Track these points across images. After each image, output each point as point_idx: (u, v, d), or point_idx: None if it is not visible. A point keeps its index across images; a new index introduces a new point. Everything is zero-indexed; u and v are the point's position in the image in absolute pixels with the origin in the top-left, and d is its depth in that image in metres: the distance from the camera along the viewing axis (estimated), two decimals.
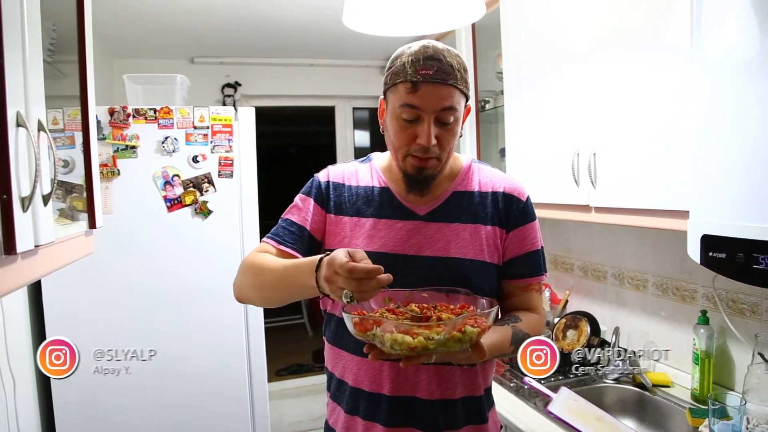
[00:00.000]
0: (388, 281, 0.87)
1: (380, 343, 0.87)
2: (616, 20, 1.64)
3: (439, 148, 1.08)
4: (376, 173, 1.22)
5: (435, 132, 1.06)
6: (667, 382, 1.88)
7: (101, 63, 3.01)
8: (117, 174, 2.19)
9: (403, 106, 1.06)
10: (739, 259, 1.12)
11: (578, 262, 2.43)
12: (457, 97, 1.07)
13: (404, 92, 1.05)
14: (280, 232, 1.19)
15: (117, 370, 2.20)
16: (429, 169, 1.10)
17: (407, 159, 1.10)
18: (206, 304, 2.31)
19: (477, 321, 0.90)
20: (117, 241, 2.19)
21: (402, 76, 1.06)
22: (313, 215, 1.19)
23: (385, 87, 1.12)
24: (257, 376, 2.42)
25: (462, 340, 0.87)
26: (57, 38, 1.28)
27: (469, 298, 1.04)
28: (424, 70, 1.04)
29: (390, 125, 1.11)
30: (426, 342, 0.84)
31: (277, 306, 1.18)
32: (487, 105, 2.66)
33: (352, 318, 0.90)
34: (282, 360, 4.25)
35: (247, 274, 1.16)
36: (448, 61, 1.06)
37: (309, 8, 2.58)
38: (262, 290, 1.13)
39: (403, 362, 0.87)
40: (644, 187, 1.55)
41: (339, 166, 1.26)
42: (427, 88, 1.04)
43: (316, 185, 1.22)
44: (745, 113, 1.11)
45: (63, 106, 1.80)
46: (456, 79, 1.06)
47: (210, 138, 2.28)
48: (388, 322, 0.87)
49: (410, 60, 1.06)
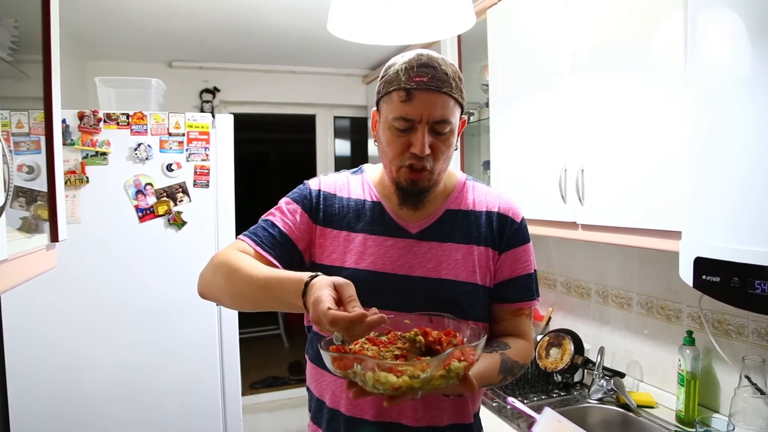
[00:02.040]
0: (381, 323, 0.79)
1: (362, 381, 0.80)
2: (606, 36, 1.61)
3: (433, 159, 1.04)
4: (368, 186, 1.17)
5: (429, 141, 1.01)
6: (651, 403, 1.85)
7: (73, 64, 2.91)
8: (86, 181, 2.09)
9: (396, 116, 1.02)
10: (735, 283, 1.08)
11: (561, 278, 2.40)
12: (452, 107, 1.03)
13: (398, 100, 1.01)
14: (259, 233, 1.11)
15: (84, 385, 2.12)
16: (422, 182, 1.05)
17: (401, 170, 1.05)
18: (178, 317, 2.23)
19: (464, 354, 0.84)
20: (84, 252, 2.11)
21: (395, 84, 1.02)
22: (299, 223, 1.12)
23: (378, 96, 1.08)
24: (231, 391, 2.35)
25: (448, 376, 0.81)
26: (20, 36, 1.20)
27: (454, 323, 0.98)
28: (418, 77, 1.00)
29: (383, 135, 1.07)
30: (411, 381, 0.77)
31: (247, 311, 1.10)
32: (471, 117, 2.63)
33: (330, 354, 0.83)
34: (257, 372, 4.15)
35: (219, 272, 1.05)
36: (443, 69, 1.02)
37: (292, 15, 2.53)
38: (234, 296, 1.04)
39: (386, 402, 0.80)
40: (633, 205, 1.52)
41: (330, 175, 1.21)
42: (421, 96, 1.00)
43: (306, 193, 1.16)
44: (740, 133, 1.09)
45: (29, 109, 1.71)
46: (451, 88, 1.02)
47: (186, 146, 2.20)
48: (369, 359, 0.80)
49: (404, 68, 1.02)
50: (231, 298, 1.06)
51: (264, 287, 0.96)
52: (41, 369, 2.09)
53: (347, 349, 0.86)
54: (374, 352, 0.86)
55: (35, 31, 1.17)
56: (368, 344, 0.89)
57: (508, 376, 1.08)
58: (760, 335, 1.57)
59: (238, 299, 1.05)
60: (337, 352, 0.84)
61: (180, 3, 2.35)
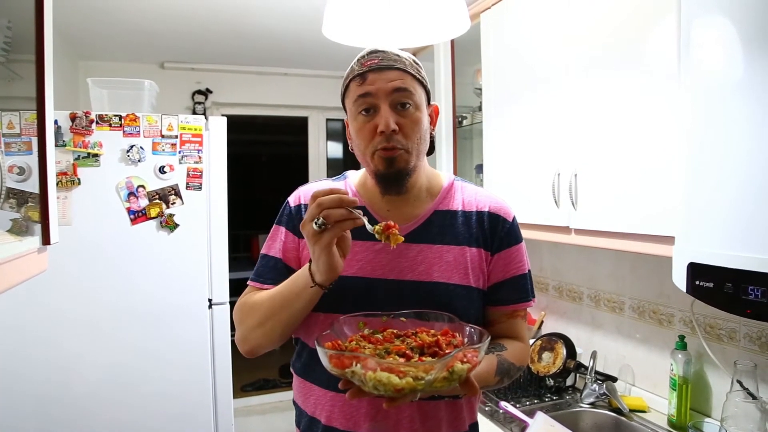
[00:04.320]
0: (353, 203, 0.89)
1: (360, 381, 0.78)
2: (600, 40, 1.62)
3: (404, 137, 1.03)
4: (351, 192, 1.15)
5: (394, 118, 1.02)
6: (644, 407, 1.86)
7: (65, 65, 2.88)
8: (77, 183, 2.07)
9: (356, 101, 1.04)
10: (728, 289, 1.09)
11: (553, 282, 2.41)
12: (410, 81, 1.04)
13: (355, 87, 1.05)
14: (260, 271, 1.15)
15: (75, 387, 2.10)
16: (398, 161, 1.03)
17: (374, 156, 1.04)
18: (170, 320, 2.22)
19: (467, 356, 0.82)
20: (76, 254, 2.09)
21: (350, 76, 1.06)
22: (285, 243, 1.13)
23: (342, 98, 1.12)
24: (222, 393, 2.34)
25: (451, 378, 0.80)
26: (13, 37, 1.19)
27: (453, 325, 0.97)
28: (370, 61, 1.04)
29: (352, 128, 1.08)
30: (415, 383, 0.75)
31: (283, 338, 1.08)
32: (464, 121, 2.63)
33: (327, 352, 0.81)
34: (247, 375, 4.12)
35: (243, 318, 1.10)
36: (393, 53, 1.06)
37: (285, 17, 2.52)
38: (263, 324, 1.05)
39: (386, 404, 0.79)
40: (627, 210, 1.53)
41: (311, 185, 1.19)
42: (374, 75, 1.03)
43: (287, 212, 1.16)
44: (734, 138, 1.10)
45: (20, 109, 1.69)
46: (405, 65, 1.04)
47: (178, 148, 2.19)
48: (370, 358, 0.78)
49: (356, 60, 1.07)
50: (261, 331, 1.06)
51: (280, 296, 1.03)
52: (31, 370, 2.07)
53: (344, 347, 0.85)
54: (371, 350, 0.85)
55: (28, 31, 1.15)
56: (364, 342, 0.88)
57: (504, 379, 1.06)
58: (751, 340, 1.58)
59: (266, 326, 1.05)
60: (334, 349, 0.82)
61: (172, 4, 2.34)
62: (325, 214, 0.88)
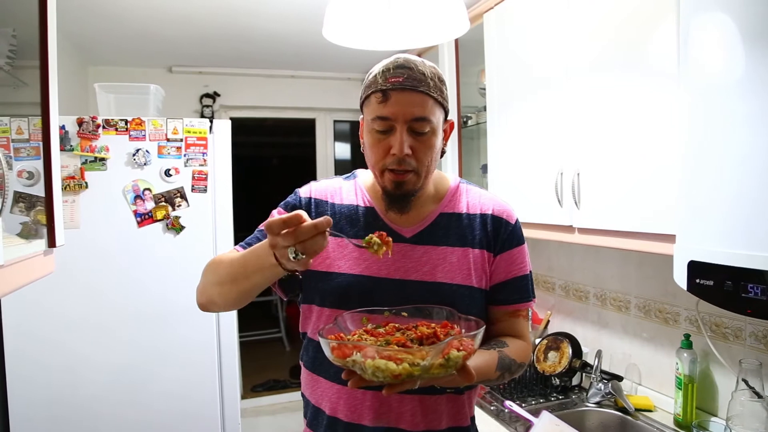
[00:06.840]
0: (328, 224, 0.83)
1: (360, 369, 0.81)
2: (603, 40, 1.62)
3: (416, 161, 1.04)
4: (360, 192, 1.17)
5: (409, 142, 1.02)
6: (650, 406, 1.85)
7: (74, 70, 2.92)
8: (85, 187, 2.10)
9: (375, 117, 1.03)
10: (728, 287, 1.09)
11: (560, 282, 2.40)
12: (431, 106, 1.03)
13: (375, 102, 1.03)
14: (249, 240, 1.14)
15: (83, 388, 2.13)
16: (407, 184, 1.05)
17: (384, 174, 1.06)
18: (177, 321, 2.24)
19: (463, 344, 0.85)
20: (84, 256, 2.12)
21: (373, 87, 1.04)
22: None
23: (360, 102, 1.10)
24: (229, 394, 2.35)
25: (447, 365, 0.82)
26: (18, 44, 1.21)
27: (451, 318, 1.00)
28: (394, 78, 1.01)
29: (366, 139, 1.08)
30: (411, 369, 0.79)
31: (237, 305, 1.08)
32: (469, 121, 2.63)
33: (329, 343, 0.85)
34: (258, 375, 4.15)
35: (206, 272, 1.10)
36: (419, 70, 1.03)
37: (291, 20, 2.53)
38: (221, 285, 1.05)
39: (386, 390, 0.82)
40: (629, 209, 1.53)
41: (322, 182, 1.21)
42: (397, 96, 1.01)
43: (297, 201, 1.17)
44: (733, 136, 1.09)
45: (29, 115, 1.72)
46: (428, 87, 1.02)
47: (184, 151, 2.21)
48: (369, 347, 0.81)
49: (381, 70, 1.04)
50: (218, 290, 1.05)
51: (241, 263, 1.00)
52: (41, 372, 2.10)
53: (346, 338, 0.89)
54: (372, 341, 0.88)
55: (33, 38, 1.18)
56: (366, 335, 0.92)
57: (505, 374, 1.07)
58: (757, 338, 1.57)
59: (224, 287, 1.04)
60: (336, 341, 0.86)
61: (180, 9, 2.36)
62: (302, 248, 0.83)
